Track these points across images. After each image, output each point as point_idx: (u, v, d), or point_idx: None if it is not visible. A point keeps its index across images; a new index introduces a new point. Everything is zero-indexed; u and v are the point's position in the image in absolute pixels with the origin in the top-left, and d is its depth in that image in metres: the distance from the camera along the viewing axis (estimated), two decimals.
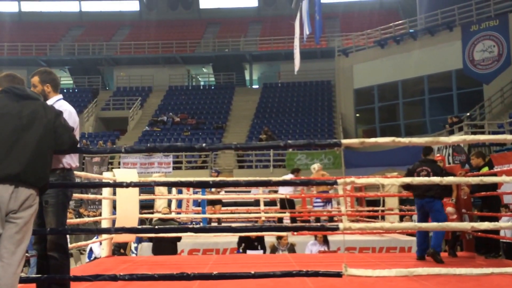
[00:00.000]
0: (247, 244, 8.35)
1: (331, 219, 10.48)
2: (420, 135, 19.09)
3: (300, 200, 12.91)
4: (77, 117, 3.47)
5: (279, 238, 8.10)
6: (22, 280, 3.02)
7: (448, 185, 5.89)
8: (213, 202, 10.35)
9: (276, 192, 10.32)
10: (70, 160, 3.37)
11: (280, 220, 10.14)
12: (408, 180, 3.89)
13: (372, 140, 3.53)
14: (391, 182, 3.84)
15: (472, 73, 18.66)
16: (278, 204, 10.58)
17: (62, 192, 3.31)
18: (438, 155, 6.68)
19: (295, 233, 8.95)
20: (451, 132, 15.44)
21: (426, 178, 3.94)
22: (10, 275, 2.56)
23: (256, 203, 11.90)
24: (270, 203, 10.74)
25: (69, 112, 3.35)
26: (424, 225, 3.79)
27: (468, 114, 17.05)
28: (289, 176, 10.52)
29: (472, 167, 7.10)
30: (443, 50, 20.39)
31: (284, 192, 10.29)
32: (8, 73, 3.14)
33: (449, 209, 6.08)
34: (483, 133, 14.21)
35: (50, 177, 3.20)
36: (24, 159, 2.70)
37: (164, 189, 10.14)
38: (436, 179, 3.76)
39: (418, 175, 5.80)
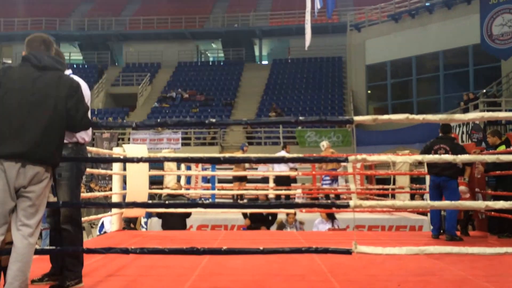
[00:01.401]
0: (255, 220, 8.38)
1: (338, 197, 10.51)
2: (433, 113, 18.83)
3: (308, 178, 12.92)
4: (88, 91, 3.43)
5: (288, 215, 8.11)
6: (37, 252, 3.08)
7: (464, 164, 5.82)
8: (240, 179, 10.38)
9: None
10: (84, 134, 3.36)
11: (278, 197, 10.21)
12: (420, 157, 3.81)
13: (385, 117, 3.46)
14: (403, 160, 3.77)
15: (490, 49, 18.18)
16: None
17: (76, 166, 3.32)
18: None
19: (304, 210, 8.98)
20: (466, 110, 15.17)
21: (437, 156, 3.87)
22: (25, 245, 2.65)
23: (264, 180, 11.94)
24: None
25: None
26: (436, 203, 3.74)
27: (484, 91, 16.70)
28: (282, 153, 10.56)
29: (488, 145, 7.01)
30: (460, 24, 19.86)
31: (279, 169, 10.31)
32: (36, 37, 3.00)
33: (462, 188, 6.02)
34: (499, 110, 13.95)
35: (63, 151, 3.20)
36: (31, 137, 2.67)
37: (173, 165, 10.17)
38: (449, 157, 3.69)
39: (436, 153, 5.73)
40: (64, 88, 2.84)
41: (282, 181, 10.34)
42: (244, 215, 8.38)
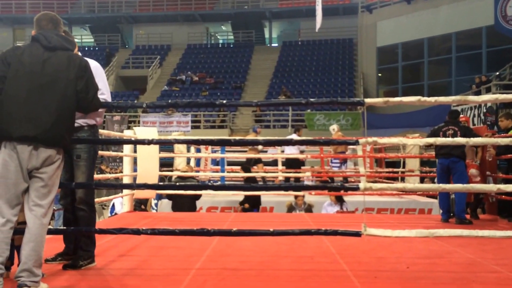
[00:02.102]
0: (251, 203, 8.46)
1: (346, 179, 10.52)
2: (444, 96, 18.54)
3: (316, 161, 12.92)
4: (102, 72, 3.47)
5: (297, 197, 8.13)
6: (50, 232, 3.12)
7: (474, 146, 5.80)
8: (255, 162, 10.42)
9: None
10: (99, 116, 3.40)
11: (287, 179, 10.24)
12: (432, 140, 3.80)
13: (397, 99, 3.44)
14: (414, 142, 3.75)
15: (504, 30, 17.79)
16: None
17: (93, 148, 3.37)
18: (462, 116, 6.53)
19: (313, 192, 9.01)
20: (478, 93, 14.96)
21: (450, 139, 3.86)
22: (38, 225, 2.67)
23: (273, 162, 11.97)
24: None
25: (94, 68, 3.33)
26: (448, 186, 3.73)
27: (497, 73, 16.45)
28: (293, 136, 10.55)
29: (500, 129, 6.94)
30: (474, 5, 19.43)
31: (289, 152, 10.31)
32: (43, 15, 2.95)
33: (473, 171, 6.00)
34: None
35: (82, 133, 3.25)
36: (43, 121, 2.68)
37: (183, 148, 10.20)
38: (462, 140, 3.68)
39: (444, 134, 5.71)
40: (74, 69, 2.83)
41: (292, 163, 10.35)
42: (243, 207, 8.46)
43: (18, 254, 2.77)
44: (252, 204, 8.43)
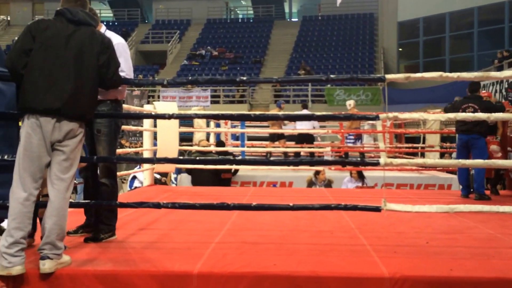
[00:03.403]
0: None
1: (363, 155, 10.48)
2: (466, 71, 18.22)
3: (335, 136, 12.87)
4: (127, 49, 3.49)
5: (316, 173, 8.15)
6: (72, 205, 3.17)
7: (495, 122, 5.73)
8: (278, 137, 10.47)
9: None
10: (120, 92, 3.41)
11: (298, 154, 10.22)
12: (452, 115, 3.74)
13: (418, 75, 3.38)
14: (436, 117, 3.71)
15: None
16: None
17: (115, 122, 3.38)
18: (484, 91, 6.43)
19: (333, 168, 9.01)
20: (500, 68, 14.67)
21: (471, 114, 3.80)
22: (60, 199, 2.70)
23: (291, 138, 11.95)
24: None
25: (117, 44, 3.34)
26: (468, 161, 3.70)
27: None
28: (305, 112, 10.50)
29: None
30: None
31: (302, 127, 10.29)
32: None
33: (494, 147, 5.92)
34: None
35: (102, 107, 3.27)
36: (67, 94, 2.70)
37: (203, 123, 10.25)
38: (483, 116, 3.62)
39: (463, 112, 5.63)
40: (96, 44, 2.84)
41: (306, 138, 10.33)
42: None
43: (41, 225, 2.82)
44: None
